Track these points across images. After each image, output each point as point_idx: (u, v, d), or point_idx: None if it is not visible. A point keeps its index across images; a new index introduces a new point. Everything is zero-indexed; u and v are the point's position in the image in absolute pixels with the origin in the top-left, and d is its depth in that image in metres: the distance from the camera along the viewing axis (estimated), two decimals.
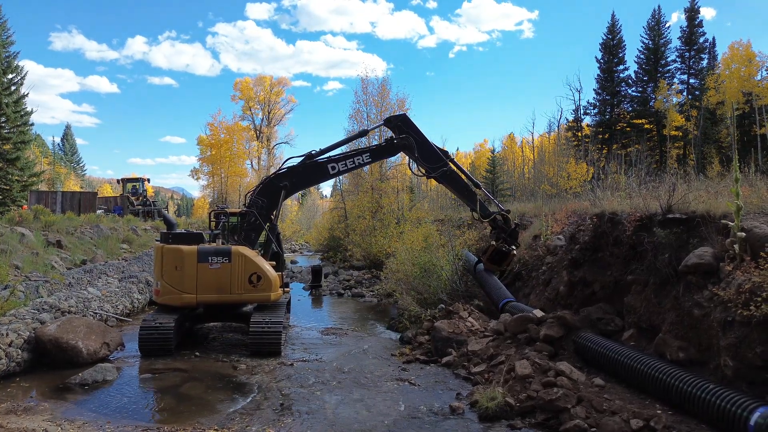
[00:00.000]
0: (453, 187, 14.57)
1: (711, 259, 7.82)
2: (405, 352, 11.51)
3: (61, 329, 10.39)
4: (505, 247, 14.33)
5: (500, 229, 14.43)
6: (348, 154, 13.74)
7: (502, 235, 14.39)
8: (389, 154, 15.10)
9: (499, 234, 14.43)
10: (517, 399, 7.68)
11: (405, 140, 13.70)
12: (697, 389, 6.64)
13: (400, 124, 14.00)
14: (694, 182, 10.84)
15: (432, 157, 13.95)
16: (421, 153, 13.80)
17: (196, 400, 8.66)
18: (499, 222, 14.50)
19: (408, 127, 13.90)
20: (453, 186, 14.46)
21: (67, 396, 8.79)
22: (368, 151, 14.10)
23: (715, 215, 8.31)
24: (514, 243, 14.57)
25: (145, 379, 9.76)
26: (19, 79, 34.66)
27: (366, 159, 13.82)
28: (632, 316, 9.38)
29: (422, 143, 13.89)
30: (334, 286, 22.67)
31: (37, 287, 14.00)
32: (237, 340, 12.73)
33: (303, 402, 8.46)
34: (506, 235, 14.40)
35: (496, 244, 14.34)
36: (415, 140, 13.74)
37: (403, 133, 13.79)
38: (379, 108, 30.32)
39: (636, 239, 9.76)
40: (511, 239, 14.51)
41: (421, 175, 14.85)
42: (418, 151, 13.72)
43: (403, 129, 13.89)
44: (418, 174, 14.91)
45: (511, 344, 10.00)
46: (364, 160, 13.82)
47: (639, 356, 7.88)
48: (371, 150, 14.28)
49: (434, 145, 14.22)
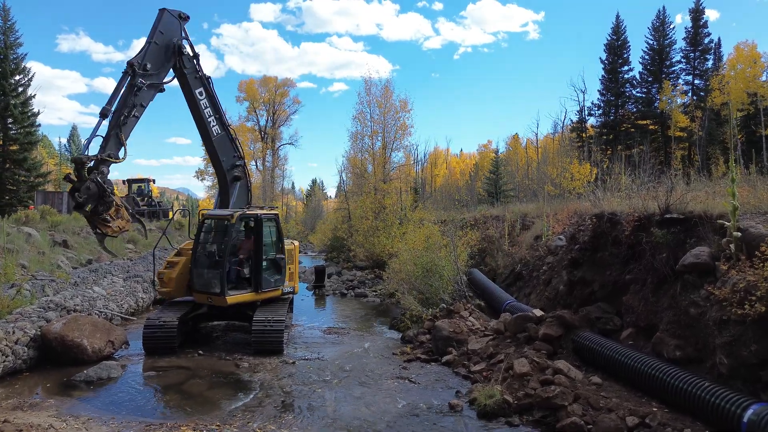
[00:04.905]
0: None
1: (707, 259, 7.88)
2: (406, 351, 11.60)
3: (66, 327, 10.54)
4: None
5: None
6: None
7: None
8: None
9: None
10: (515, 396, 7.77)
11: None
12: (693, 387, 6.71)
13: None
14: (693, 183, 10.88)
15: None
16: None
17: (198, 397, 8.79)
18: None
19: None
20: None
21: (72, 393, 8.93)
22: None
23: (712, 215, 8.37)
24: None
25: (149, 376, 9.89)
26: (26, 80, 35.03)
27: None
28: (630, 316, 9.45)
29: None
30: (337, 286, 22.77)
31: (43, 286, 14.18)
32: (240, 338, 12.86)
33: (304, 399, 8.58)
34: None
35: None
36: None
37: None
38: (382, 109, 30.50)
39: (634, 239, 9.83)
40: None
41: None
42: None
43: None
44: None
45: (511, 343, 10.08)
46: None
47: (635, 355, 7.95)
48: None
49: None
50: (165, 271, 12.07)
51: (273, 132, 64.80)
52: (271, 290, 12.31)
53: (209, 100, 12.32)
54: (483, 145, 70.43)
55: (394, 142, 31.03)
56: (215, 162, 12.71)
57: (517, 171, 52.77)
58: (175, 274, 11.86)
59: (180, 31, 11.58)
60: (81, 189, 9.55)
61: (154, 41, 10.86)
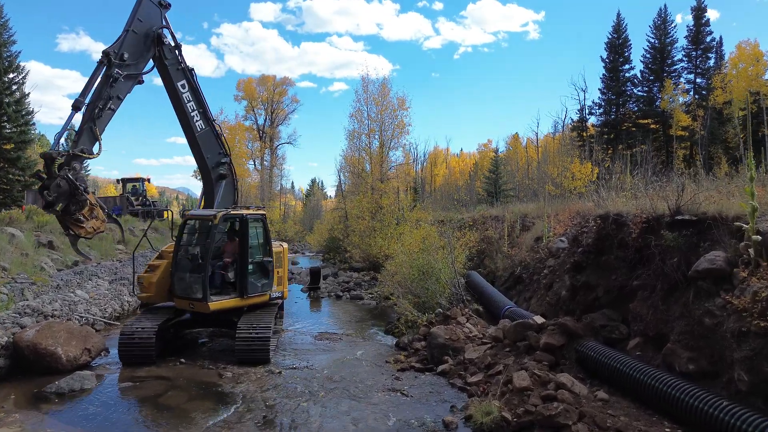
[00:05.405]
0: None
1: (723, 264, 7.27)
2: (400, 359, 11.01)
3: (39, 335, 9.96)
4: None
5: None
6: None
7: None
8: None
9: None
10: (515, 414, 7.15)
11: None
12: (709, 405, 6.11)
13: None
14: (703, 182, 10.25)
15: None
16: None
17: (176, 410, 8.20)
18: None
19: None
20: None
21: (41, 406, 8.35)
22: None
23: (727, 217, 7.75)
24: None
25: (125, 388, 9.29)
26: (20, 78, 34.40)
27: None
28: (638, 324, 8.84)
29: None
30: (333, 288, 22.19)
31: (23, 290, 13.59)
32: (227, 345, 12.23)
33: (287, 414, 7.97)
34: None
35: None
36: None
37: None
38: (380, 106, 29.89)
39: (642, 242, 9.22)
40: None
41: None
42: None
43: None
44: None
45: (510, 352, 9.48)
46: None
47: (646, 368, 7.35)
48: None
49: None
50: (145, 275, 11.45)
51: (271, 131, 64.20)
52: (258, 295, 11.68)
53: (192, 93, 11.67)
54: (483, 145, 69.90)
55: (392, 140, 30.42)
56: (199, 159, 12.08)
57: (517, 170, 52.19)
58: (156, 278, 11.24)
59: (160, 19, 10.91)
60: (50, 187, 8.93)
61: (132, 29, 10.22)
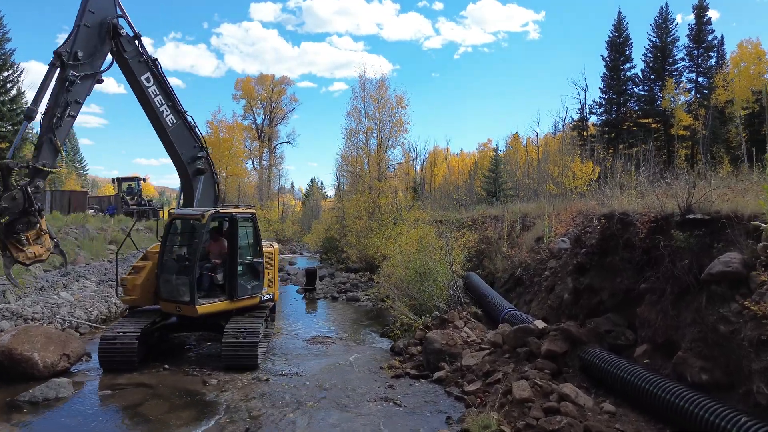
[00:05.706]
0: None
1: (739, 267, 6.77)
2: (394, 365, 10.52)
3: (15, 339, 9.48)
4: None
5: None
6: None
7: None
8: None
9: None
10: (514, 427, 6.66)
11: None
12: (726, 421, 5.62)
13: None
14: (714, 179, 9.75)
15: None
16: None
17: (155, 422, 7.71)
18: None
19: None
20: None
21: (12, 416, 7.85)
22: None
23: (743, 216, 7.25)
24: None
25: (103, 396, 8.79)
26: (15, 77, 33.92)
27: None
28: (646, 330, 8.34)
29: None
30: (329, 289, 21.71)
31: (4, 292, 13.11)
32: (214, 349, 11.69)
33: (272, 426, 7.47)
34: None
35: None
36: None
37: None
38: (377, 104, 29.40)
39: (650, 243, 8.71)
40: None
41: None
42: None
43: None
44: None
45: (510, 359, 8.99)
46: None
47: (655, 378, 6.86)
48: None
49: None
50: (129, 277, 10.95)
51: (270, 130, 63.77)
52: (248, 298, 11.17)
53: (159, 86, 10.72)
54: (483, 144, 69.40)
55: (390, 138, 29.95)
56: (173, 156, 11.23)
57: (517, 170, 51.66)
58: (140, 280, 10.75)
59: (114, 8, 9.88)
60: (3, 197, 8.23)
61: (84, 23, 9.23)
